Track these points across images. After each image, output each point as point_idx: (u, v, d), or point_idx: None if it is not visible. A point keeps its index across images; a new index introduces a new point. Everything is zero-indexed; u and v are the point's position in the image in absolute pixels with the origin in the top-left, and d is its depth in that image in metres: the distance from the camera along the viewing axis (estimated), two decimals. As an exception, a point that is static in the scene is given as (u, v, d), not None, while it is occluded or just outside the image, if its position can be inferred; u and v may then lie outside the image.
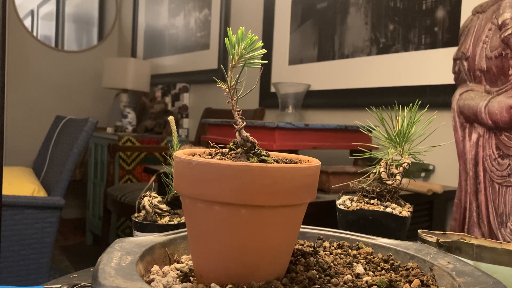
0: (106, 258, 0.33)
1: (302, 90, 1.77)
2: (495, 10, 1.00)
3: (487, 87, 1.00)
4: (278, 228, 0.33)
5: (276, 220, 0.33)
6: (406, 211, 0.73)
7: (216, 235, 0.33)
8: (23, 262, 1.80)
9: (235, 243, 0.33)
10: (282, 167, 0.31)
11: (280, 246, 0.34)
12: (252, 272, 0.33)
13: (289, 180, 0.32)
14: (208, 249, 0.33)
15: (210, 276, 0.34)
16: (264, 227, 0.33)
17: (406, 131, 0.74)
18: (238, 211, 0.31)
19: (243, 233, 0.32)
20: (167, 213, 0.73)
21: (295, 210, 0.34)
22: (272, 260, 0.34)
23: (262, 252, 0.33)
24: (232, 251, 0.33)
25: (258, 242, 0.33)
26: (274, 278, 0.34)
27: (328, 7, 1.86)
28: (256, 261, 0.33)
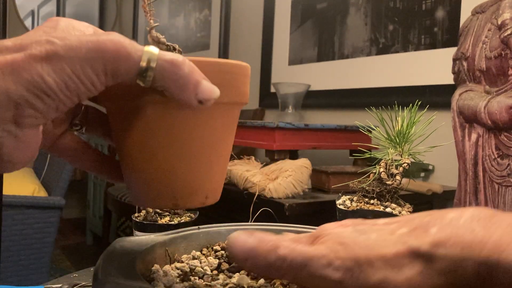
0: (107, 257, 0.33)
1: (302, 90, 1.77)
2: (495, 10, 1.00)
3: (487, 87, 1.00)
4: (191, 128, 0.31)
5: (189, 119, 0.31)
6: (406, 211, 0.73)
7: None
8: (24, 262, 1.80)
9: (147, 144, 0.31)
10: (193, 60, 0.30)
11: (198, 153, 0.32)
12: (172, 182, 0.32)
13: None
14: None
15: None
16: (180, 124, 0.30)
17: (406, 132, 0.74)
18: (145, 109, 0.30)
19: (155, 133, 0.31)
20: (167, 213, 0.73)
21: (206, 110, 0.31)
22: (191, 169, 0.32)
23: (178, 158, 0.31)
24: (151, 156, 0.31)
25: (170, 144, 0.31)
26: (203, 196, 0.33)
27: (328, 8, 1.87)
28: (173, 168, 0.31)
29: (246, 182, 1.10)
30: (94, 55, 0.26)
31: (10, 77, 0.25)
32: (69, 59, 0.26)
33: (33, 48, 0.25)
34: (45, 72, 0.25)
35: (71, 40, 0.26)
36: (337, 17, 1.83)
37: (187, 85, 0.28)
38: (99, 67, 0.26)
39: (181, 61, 0.28)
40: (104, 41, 0.26)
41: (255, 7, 2.25)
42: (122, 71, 0.27)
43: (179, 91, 0.28)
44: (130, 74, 0.27)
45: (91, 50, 0.26)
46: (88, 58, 0.26)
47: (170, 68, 0.28)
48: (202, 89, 0.28)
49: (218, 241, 0.44)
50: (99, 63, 0.26)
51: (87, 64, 0.26)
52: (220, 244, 0.42)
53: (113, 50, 0.26)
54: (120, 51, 0.26)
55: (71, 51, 0.26)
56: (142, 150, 0.32)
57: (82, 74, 0.26)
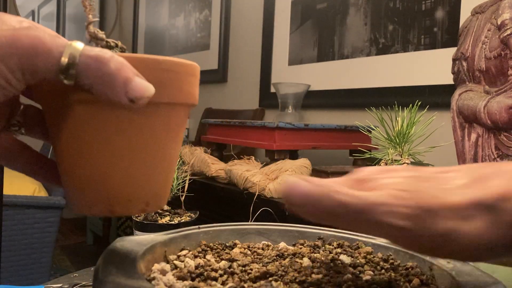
0: (107, 257, 0.34)
1: (302, 90, 1.77)
2: (494, 10, 1.00)
3: (486, 87, 1.00)
4: (126, 130, 0.29)
5: (122, 120, 0.28)
6: (405, 211, 0.73)
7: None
8: (24, 261, 1.80)
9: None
10: (126, 57, 0.27)
11: (134, 157, 0.29)
12: (107, 187, 0.30)
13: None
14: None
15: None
16: (110, 126, 0.28)
17: (406, 132, 0.74)
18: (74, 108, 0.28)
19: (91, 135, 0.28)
20: (167, 213, 0.73)
21: (143, 111, 0.28)
22: (127, 174, 0.30)
23: (113, 162, 0.29)
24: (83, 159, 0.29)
25: (104, 148, 0.29)
26: (143, 203, 0.31)
27: (327, 8, 1.87)
28: (108, 172, 0.29)
29: (246, 182, 1.10)
30: (7, 51, 0.24)
31: None
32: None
33: None
34: None
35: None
36: (337, 17, 1.83)
37: (114, 82, 0.26)
38: (14, 64, 0.24)
39: (107, 57, 0.26)
40: (20, 35, 0.24)
41: (255, 7, 2.26)
42: (40, 68, 0.25)
43: (106, 89, 0.26)
44: (51, 71, 0.25)
45: (3, 46, 0.24)
46: (1, 54, 0.24)
47: (95, 65, 0.25)
48: (133, 86, 0.26)
49: (217, 240, 0.44)
50: (13, 60, 0.24)
51: (0, 60, 0.24)
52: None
53: (28, 46, 0.24)
54: (37, 46, 0.24)
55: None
56: (75, 152, 0.29)
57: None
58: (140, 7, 3.24)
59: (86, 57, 0.25)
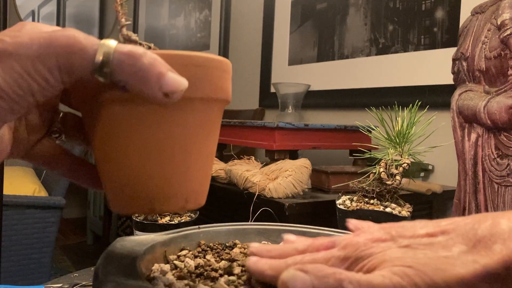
0: (107, 256, 0.34)
1: (302, 90, 1.77)
2: (494, 10, 1.00)
3: (486, 87, 1.00)
4: (161, 127, 0.29)
5: (158, 117, 0.29)
6: (405, 211, 0.73)
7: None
8: (24, 261, 1.80)
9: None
10: (159, 53, 0.28)
11: (171, 154, 0.30)
12: (146, 185, 0.30)
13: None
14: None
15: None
16: (153, 125, 0.29)
17: (406, 132, 0.74)
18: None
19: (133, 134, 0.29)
20: (167, 213, 0.73)
21: (177, 107, 0.29)
22: (165, 171, 0.30)
23: (151, 159, 0.29)
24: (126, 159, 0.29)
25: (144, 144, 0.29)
26: (183, 200, 0.31)
27: (327, 8, 1.87)
28: (146, 170, 0.30)
29: (246, 182, 1.10)
30: (46, 51, 0.25)
31: None
32: (19, 57, 0.24)
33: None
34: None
35: (22, 37, 0.25)
36: (336, 17, 1.83)
37: (148, 77, 0.26)
38: (52, 63, 0.25)
39: (140, 52, 0.26)
40: (57, 36, 0.25)
41: (255, 7, 2.26)
42: (76, 67, 0.25)
43: (141, 85, 0.26)
44: (86, 69, 0.26)
45: (42, 46, 0.25)
46: (40, 54, 0.25)
47: (128, 61, 0.26)
48: (167, 81, 0.26)
49: (217, 240, 0.45)
50: (51, 59, 0.25)
51: (38, 60, 0.25)
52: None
53: (65, 45, 0.25)
54: (73, 45, 0.25)
55: (21, 48, 0.24)
56: (112, 152, 0.30)
57: (33, 71, 0.25)
58: (140, 7, 3.25)
59: (120, 54, 0.26)
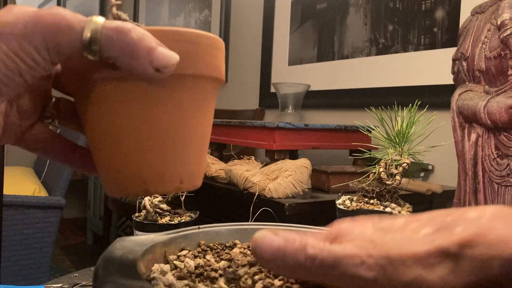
0: (107, 257, 0.34)
1: (302, 90, 1.77)
2: (494, 10, 1.00)
3: (486, 87, 1.00)
4: (153, 105, 0.28)
5: (150, 95, 0.28)
6: (405, 211, 0.73)
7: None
8: (24, 261, 1.80)
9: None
10: (147, 29, 0.27)
11: (164, 133, 0.29)
12: (139, 166, 0.29)
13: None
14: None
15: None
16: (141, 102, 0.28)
17: (405, 131, 0.74)
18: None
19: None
20: (167, 213, 0.73)
21: (169, 83, 0.28)
22: (159, 151, 0.29)
23: (143, 139, 0.29)
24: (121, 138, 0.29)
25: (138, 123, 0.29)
26: (177, 181, 0.30)
27: (327, 8, 1.87)
28: (139, 151, 0.29)
29: (246, 182, 1.10)
30: (32, 30, 0.24)
31: None
32: (5, 36, 0.24)
33: None
34: None
35: (7, 16, 0.24)
36: (336, 17, 1.83)
37: (137, 51, 0.25)
38: (38, 42, 0.24)
39: (128, 27, 0.26)
40: (42, 14, 0.25)
41: (255, 7, 2.26)
42: (64, 44, 0.25)
43: (131, 60, 0.26)
44: (75, 47, 0.25)
45: (28, 25, 0.24)
46: (25, 33, 0.24)
47: (117, 36, 0.25)
48: (157, 55, 0.26)
49: (217, 240, 0.45)
50: (37, 38, 0.24)
51: (24, 39, 0.24)
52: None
53: (51, 23, 0.25)
54: (59, 23, 0.25)
55: (6, 27, 0.24)
56: (105, 133, 0.29)
57: (20, 50, 0.24)
58: (140, 7, 3.25)
59: (108, 30, 0.25)
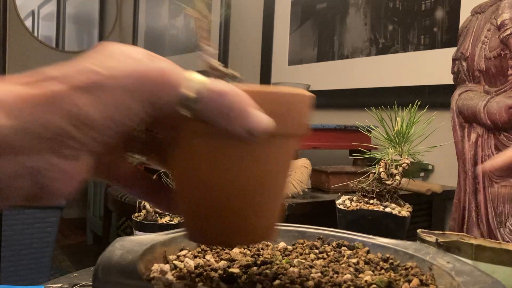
0: (107, 256, 0.34)
1: (302, 90, 1.77)
2: (494, 10, 1.00)
3: (486, 87, 1.00)
4: (241, 163, 0.29)
5: (238, 152, 0.29)
6: (405, 211, 0.73)
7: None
8: (24, 261, 1.80)
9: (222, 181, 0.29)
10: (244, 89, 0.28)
11: (248, 189, 0.30)
12: (220, 218, 0.30)
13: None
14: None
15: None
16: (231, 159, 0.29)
17: (405, 131, 0.74)
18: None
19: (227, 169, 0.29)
20: (167, 213, 0.73)
21: (258, 143, 0.28)
22: (241, 205, 0.30)
23: (227, 193, 0.30)
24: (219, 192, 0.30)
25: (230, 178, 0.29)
26: (255, 234, 0.31)
27: (327, 8, 1.87)
28: (221, 203, 0.30)
29: (246, 182, 1.10)
30: (137, 85, 0.25)
31: (51, 109, 0.24)
32: (112, 89, 0.25)
33: (76, 78, 0.25)
34: (86, 102, 0.24)
35: (115, 68, 0.25)
36: (336, 17, 1.83)
37: (233, 115, 0.26)
38: (142, 97, 0.25)
39: (228, 91, 0.26)
40: (149, 69, 0.25)
41: (255, 7, 2.26)
42: (165, 101, 0.26)
43: (225, 122, 0.26)
44: (173, 104, 0.26)
45: (134, 79, 0.25)
46: (131, 88, 0.25)
47: (216, 98, 0.26)
48: (252, 119, 0.26)
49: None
50: (142, 93, 0.25)
51: (129, 94, 0.25)
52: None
53: (156, 79, 0.25)
54: (164, 80, 0.25)
55: (114, 80, 0.25)
56: (191, 182, 0.30)
57: (124, 104, 0.25)
58: (140, 7, 3.24)
59: (209, 91, 0.26)
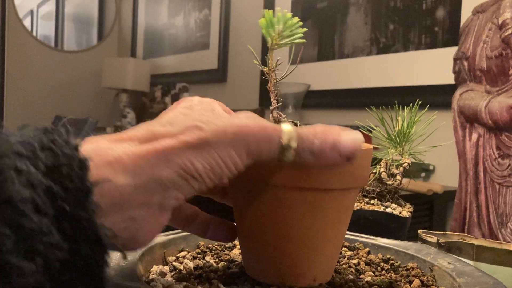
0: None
1: (302, 90, 1.77)
2: (495, 10, 1.00)
3: (487, 87, 1.00)
4: (302, 212, 0.31)
5: (299, 203, 0.31)
6: (406, 211, 0.73)
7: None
8: (23, 262, 1.80)
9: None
10: None
11: (306, 237, 0.32)
12: (278, 260, 0.33)
13: None
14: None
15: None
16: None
17: (406, 131, 0.74)
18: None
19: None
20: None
21: (317, 196, 0.31)
22: (298, 251, 0.32)
23: (286, 238, 0.32)
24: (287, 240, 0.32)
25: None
26: (311, 279, 0.33)
27: (328, 7, 1.86)
28: (280, 247, 0.33)
29: (246, 182, 1.10)
30: (239, 139, 0.27)
31: (164, 163, 0.26)
32: (216, 145, 0.27)
33: (185, 134, 0.27)
34: (194, 157, 0.27)
35: (217, 125, 0.27)
36: (337, 16, 1.82)
37: (324, 149, 0.28)
38: (243, 150, 0.28)
39: (318, 130, 0.29)
40: (247, 124, 0.28)
41: (255, 7, 2.25)
42: (264, 152, 0.28)
43: (321, 157, 0.29)
44: (273, 153, 0.28)
45: (236, 134, 0.27)
46: (233, 142, 0.27)
47: (307, 143, 0.29)
48: (343, 144, 0.29)
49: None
50: (243, 146, 0.28)
51: (232, 148, 0.27)
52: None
53: (256, 133, 0.28)
54: (263, 134, 0.28)
55: (218, 136, 0.27)
56: (252, 226, 0.33)
57: (227, 157, 0.27)
58: (140, 6, 3.24)
59: (300, 139, 0.29)
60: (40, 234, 0.20)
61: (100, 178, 0.24)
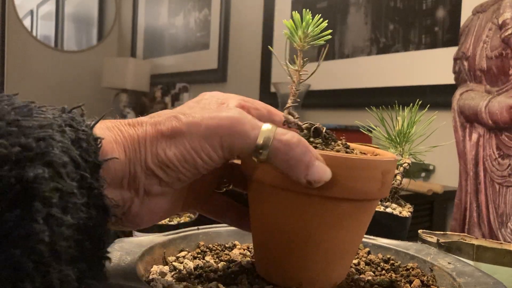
0: (106, 258, 0.33)
1: (302, 90, 1.76)
2: (496, 9, 1.00)
3: (488, 87, 1.00)
4: (289, 213, 0.31)
5: (289, 204, 0.31)
6: (406, 211, 0.73)
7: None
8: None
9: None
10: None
11: (290, 240, 0.32)
12: (267, 262, 0.34)
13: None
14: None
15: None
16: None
17: (406, 131, 0.74)
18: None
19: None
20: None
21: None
22: (285, 254, 0.33)
23: (290, 242, 0.32)
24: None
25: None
26: (297, 283, 0.33)
27: (328, 7, 1.86)
28: (268, 248, 0.33)
29: (246, 182, 1.10)
30: (212, 132, 0.28)
31: (143, 149, 0.28)
32: (190, 136, 0.28)
33: (162, 124, 0.28)
34: (167, 146, 0.28)
35: (194, 116, 0.28)
36: (337, 16, 1.82)
37: (297, 165, 0.29)
38: (216, 143, 0.28)
39: (295, 142, 0.29)
40: (223, 118, 0.29)
41: (255, 7, 2.25)
42: (238, 146, 0.29)
43: (289, 170, 0.29)
44: (246, 150, 0.29)
45: (209, 127, 0.28)
46: (207, 135, 0.28)
47: (284, 148, 0.29)
48: (313, 170, 0.29)
49: (216, 241, 0.44)
50: (216, 139, 0.28)
51: (205, 140, 0.28)
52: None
53: (229, 127, 0.28)
54: (237, 128, 0.29)
55: (192, 127, 0.28)
56: (258, 222, 0.33)
57: (200, 149, 0.28)
58: (140, 6, 3.24)
59: (278, 141, 0.29)
60: (72, 195, 0.23)
61: (109, 155, 0.27)
